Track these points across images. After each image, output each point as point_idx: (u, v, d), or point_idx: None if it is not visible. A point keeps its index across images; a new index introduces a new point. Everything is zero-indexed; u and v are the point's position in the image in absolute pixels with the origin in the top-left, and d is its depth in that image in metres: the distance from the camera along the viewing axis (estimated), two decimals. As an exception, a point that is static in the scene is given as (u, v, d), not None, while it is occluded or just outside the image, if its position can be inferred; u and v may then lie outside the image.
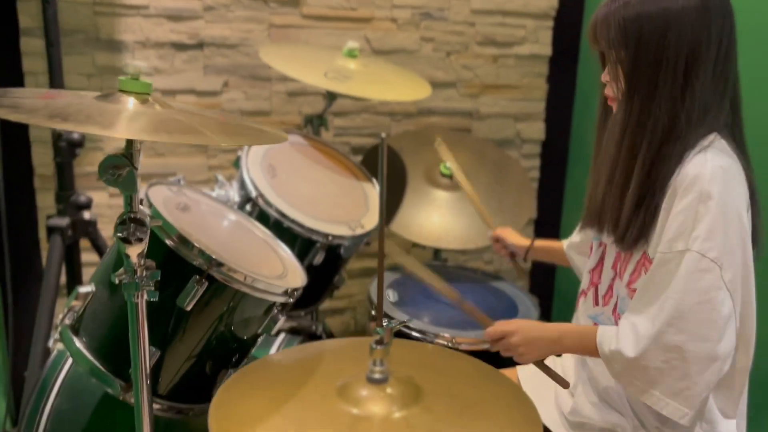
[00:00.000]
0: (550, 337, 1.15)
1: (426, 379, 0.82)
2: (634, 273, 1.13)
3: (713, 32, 1.05)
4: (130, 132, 0.77)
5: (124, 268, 0.97)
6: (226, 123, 0.94)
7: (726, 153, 1.07)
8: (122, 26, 2.06)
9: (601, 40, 1.15)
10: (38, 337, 1.76)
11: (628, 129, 1.11)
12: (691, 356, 1.00)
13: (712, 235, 0.99)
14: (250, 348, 1.24)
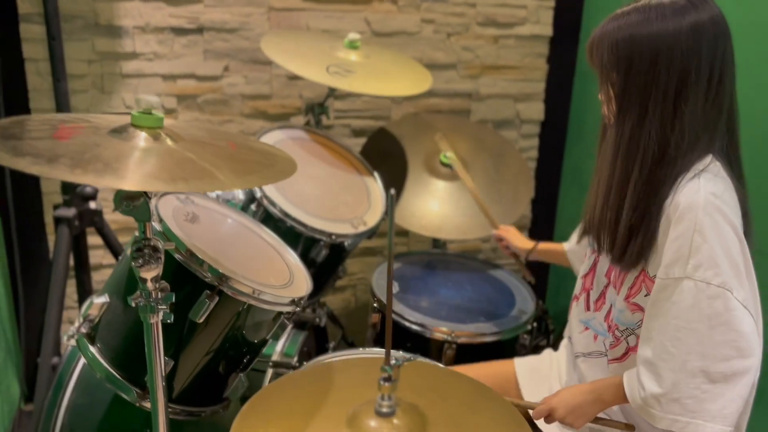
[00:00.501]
0: (590, 399, 1.17)
1: (430, 405, 0.87)
2: (632, 288, 1.16)
3: (704, 59, 1.06)
4: (147, 184, 0.80)
5: (139, 290, 1.01)
6: (238, 154, 0.96)
7: (719, 177, 1.09)
8: (121, 11, 2.04)
9: (595, 60, 1.17)
10: (50, 326, 1.81)
11: (619, 152, 1.13)
12: (719, 377, 1.03)
13: (713, 262, 1.02)
14: (259, 351, 1.30)
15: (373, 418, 0.83)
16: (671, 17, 1.07)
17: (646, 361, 1.09)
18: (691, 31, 1.06)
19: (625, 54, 1.10)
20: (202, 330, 1.17)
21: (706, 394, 1.03)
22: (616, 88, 1.14)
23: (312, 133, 1.80)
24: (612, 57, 1.12)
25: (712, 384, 1.03)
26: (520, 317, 1.73)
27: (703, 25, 1.07)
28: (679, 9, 1.08)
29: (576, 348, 1.32)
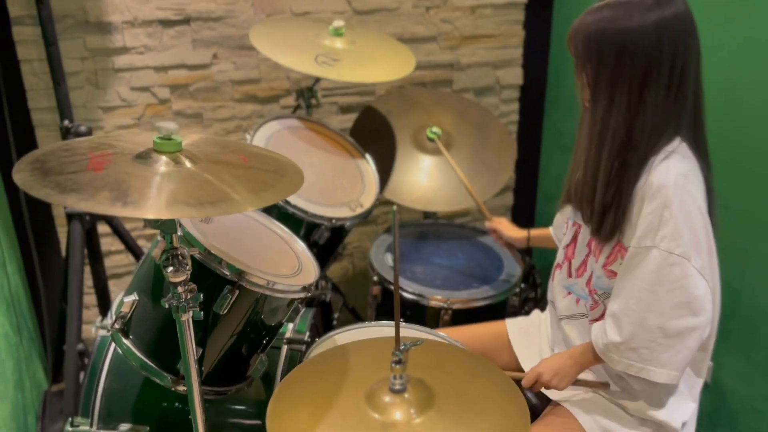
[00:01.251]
0: (570, 363, 1.33)
1: (436, 379, 1.01)
2: (609, 257, 1.31)
3: (666, 54, 1.18)
4: (178, 212, 0.91)
5: (171, 293, 1.13)
6: (250, 168, 1.08)
7: (687, 158, 1.22)
8: (109, 8, 2.10)
9: (572, 50, 1.28)
10: (72, 316, 1.94)
11: (592, 136, 1.26)
12: (673, 332, 1.19)
13: (677, 234, 1.17)
14: (276, 333, 1.44)
15: (388, 394, 0.97)
16: (637, 15, 1.18)
17: (612, 313, 1.25)
18: (654, 28, 1.17)
19: (596, 47, 1.22)
20: (225, 320, 1.30)
21: (659, 346, 1.20)
22: (588, 77, 1.25)
23: (305, 121, 1.90)
24: (585, 49, 1.24)
25: (665, 338, 1.19)
26: (508, 281, 1.87)
27: (665, 22, 1.17)
28: (645, 7, 1.18)
29: (559, 311, 1.46)
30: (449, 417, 0.95)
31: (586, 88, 1.28)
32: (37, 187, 0.90)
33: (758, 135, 1.78)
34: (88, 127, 1.89)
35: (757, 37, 1.74)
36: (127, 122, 2.23)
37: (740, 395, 1.95)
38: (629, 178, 1.23)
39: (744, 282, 1.88)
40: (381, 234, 2.08)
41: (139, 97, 2.22)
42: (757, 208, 1.81)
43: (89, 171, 0.97)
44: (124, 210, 0.89)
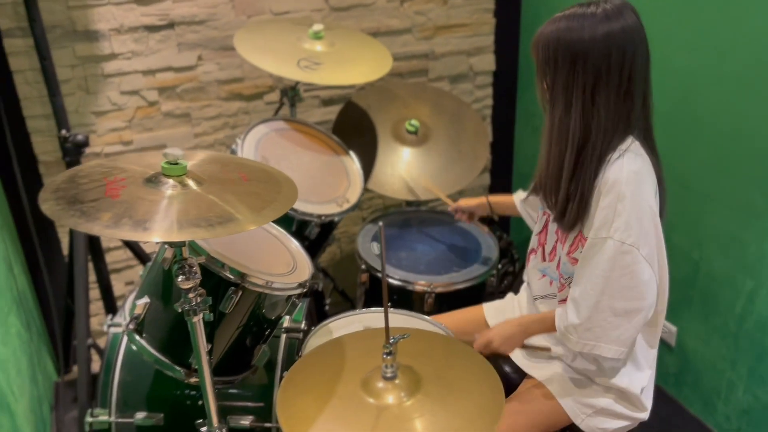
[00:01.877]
0: (519, 331, 1.49)
1: (422, 365, 1.16)
2: (572, 245, 1.45)
3: (614, 63, 1.30)
4: (190, 234, 1.04)
5: (182, 298, 1.27)
6: (250, 185, 1.20)
7: (639, 155, 1.36)
8: (96, 16, 2.19)
9: (534, 56, 1.41)
10: (80, 313, 2.06)
11: (552, 137, 1.40)
12: (621, 312, 1.35)
13: (628, 226, 1.31)
14: (276, 325, 1.58)
15: (381, 381, 1.12)
16: (588, 27, 1.31)
17: (573, 298, 1.40)
18: (603, 39, 1.30)
19: (552, 55, 1.35)
20: (230, 317, 1.44)
21: (609, 324, 1.35)
22: (547, 82, 1.39)
23: (291, 122, 2.02)
24: (544, 56, 1.37)
25: (614, 317, 1.35)
26: (486, 264, 2.02)
27: (614, 34, 1.30)
28: (597, 20, 1.31)
29: (534, 292, 1.61)
30: (434, 398, 1.10)
31: (546, 93, 1.41)
32: (66, 217, 1.03)
33: (711, 123, 1.93)
34: (85, 136, 1.99)
35: (709, 28, 1.88)
36: (118, 125, 2.33)
37: (701, 356, 2.14)
38: (588, 174, 1.37)
39: (702, 254, 2.05)
40: (366, 224, 2.21)
41: (129, 100, 2.32)
42: (713, 188, 1.97)
43: (108, 198, 1.09)
44: (144, 235, 1.02)
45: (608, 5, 1.31)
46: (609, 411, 1.51)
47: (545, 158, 1.45)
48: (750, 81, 1.78)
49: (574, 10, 1.34)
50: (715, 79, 1.88)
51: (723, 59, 1.84)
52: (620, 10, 1.31)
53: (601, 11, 1.31)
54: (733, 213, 1.92)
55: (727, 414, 2.09)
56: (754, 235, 1.87)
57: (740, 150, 1.86)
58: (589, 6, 1.33)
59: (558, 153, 1.40)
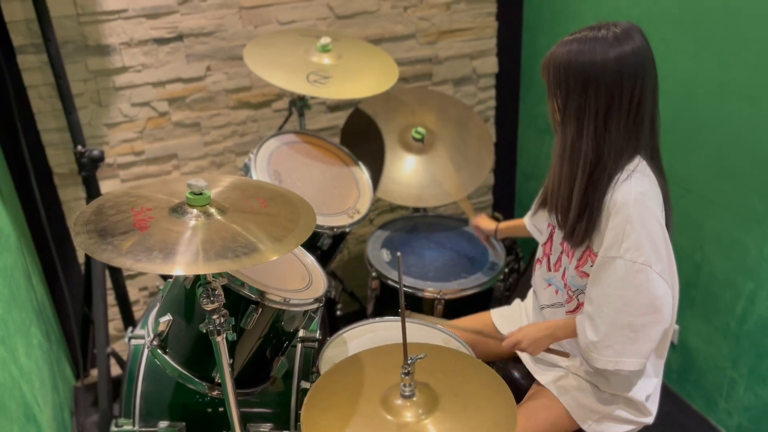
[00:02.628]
0: (546, 334, 1.53)
1: (438, 382, 1.22)
2: (581, 259, 1.50)
3: (625, 88, 1.34)
4: (217, 266, 1.09)
5: (207, 319, 1.32)
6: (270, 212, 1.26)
7: (646, 175, 1.40)
8: (107, 31, 2.22)
9: (545, 77, 1.45)
10: (99, 322, 2.13)
11: (564, 158, 1.44)
12: (640, 327, 1.39)
13: (639, 246, 1.35)
14: (294, 337, 1.64)
15: (400, 398, 1.18)
16: (600, 51, 1.34)
17: (588, 315, 1.45)
18: (615, 63, 1.33)
19: (564, 78, 1.38)
20: (250, 333, 1.50)
21: (629, 339, 1.40)
22: (559, 104, 1.43)
23: (301, 135, 2.06)
24: (555, 78, 1.40)
25: (633, 332, 1.39)
26: (493, 269, 2.08)
27: (625, 56, 1.33)
28: (608, 43, 1.34)
29: (541, 301, 1.67)
30: (451, 415, 1.16)
31: (557, 113, 1.45)
32: (99, 252, 1.08)
33: (713, 130, 1.97)
34: (101, 151, 2.04)
35: (711, 37, 1.92)
36: (130, 136, 2.38)
37: (704, 354, 2.20)
38: (598, 194, 1.41)
39: (704, 255, 2.11)
40: (375, 230, 2.27)
41: (140, 111, 2.36)
42: (714, 192, 2.02)
43: (137, 230, 1.15)
44: (174, 267, 1.07)
45: (617, 28, 1.35)
46: (615, 416, 1.57)
47: (557, 178, 1.48)
48: (751, 88, 1.83)
49: (585, 34, 1.37)
50: (717, 86, 1.92)
51: (724, 67, 1.88)
52: (629, 33, 1.35)
53: (612, 35, 1.34)
54: (734, 217, 1.97)
55: (729, 410, 2.15)
56: (754, 238, 1.92)
57: (741, 156, 1.90)
58: (599, 30, 1.36)
59: (570, 174, 1.44)
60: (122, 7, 2.21)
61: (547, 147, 2.80)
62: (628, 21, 1.39)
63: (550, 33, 2.61)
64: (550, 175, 1.56)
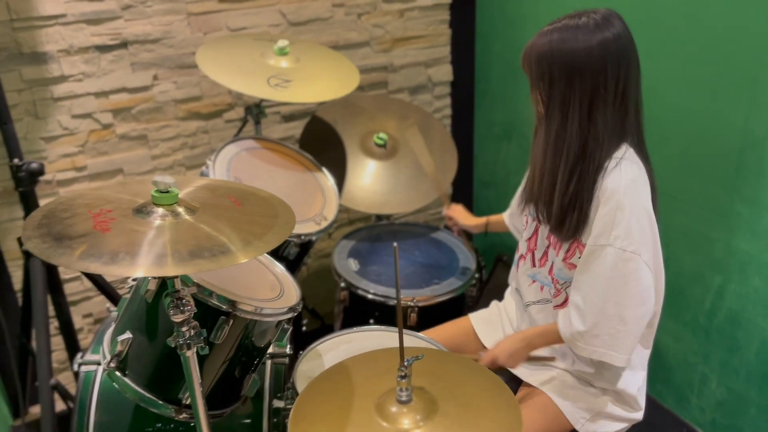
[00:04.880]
0: (522, 345, 1.48)
1: (434, 385, 1.13)
2: (568, 251, 1.45)
3: (610, 75, 1.31)
4: (188, 267, 0.98)
5: (175, 332, 1.20)
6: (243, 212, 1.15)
7: (635, 162, 1.37)
8: (43, 38, 2.07)
9: (526, 69, 1.41)
10: (42, 352, 1.93)
11: (548, 147, 1.40)
12: (630, 319, 1.35)
13: (629, 233, 1.32)
14: (266, 353, 1.52)
15: (396, 405, 1.08)
16: (583, 39, 1.31)
17: (575, 305, 1.40)
18: (599, 49, 1.30)
19: (547, 68, 1.34)
20: (220, 347, 1.38)
21: (619, 333, 1.36)
22: (541, 96, 1.38)
23: (261, 141, 1.96)
24: (538, 69, 1.36)
25: (624, 325, 1.35)
26: (465, 274, 2.02)
27: (608, 43, 1.30)
28: (589, 30, 1.31)
29: (526, 298, 1.61)
30: (453, 419, 1.07)
31: (540, 104, 1.41)
32: (56, 255, 0.95)
33: (675, 127, 1.98)
34: (40, 163, 1.88)
35: (671, 35, 1.93)
36: (71, 150, 2.22)
37: (673, 351, 2.19)
38: (587, 184, 1.37)
39: (670, 252, 2.10)
40: (340, 240, 2.17)
41: (81, 124, 2.21)
42: (679, 188, 2.02)
43: (98, 232, 1.02)
44: (146, 270, 0.95)
45: (597, 15, 1.32)
46: (607, 414, 1.52)
47: (539, 170, 1.44)
48: (711, 85, 1.84)
49: (565, 22, 1.34)
50: (678, 83, 1.93)
51: (685, 64, 1.90)
52: (609, 19, 1.32)
53: (592, 21, 1.31)
54: (700, 212, 1.98)
55: (702, 407, 2.14)
56: (720, 232, 1.93)
57: (703, 151, 1.92)
58: (579, 17, 1.33)
59: (553, 165, 1.40)
60: (60, 12, 2.06)
61: (504, 154, 2.78)
62: (607, 8, 1.37)
63: (504, 39, 2.61)
64: (531, 169, 1.52)
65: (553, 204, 1.41)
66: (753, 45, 1.71)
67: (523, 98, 2.58)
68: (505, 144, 2.75)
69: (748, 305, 1.90)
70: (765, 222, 1.80)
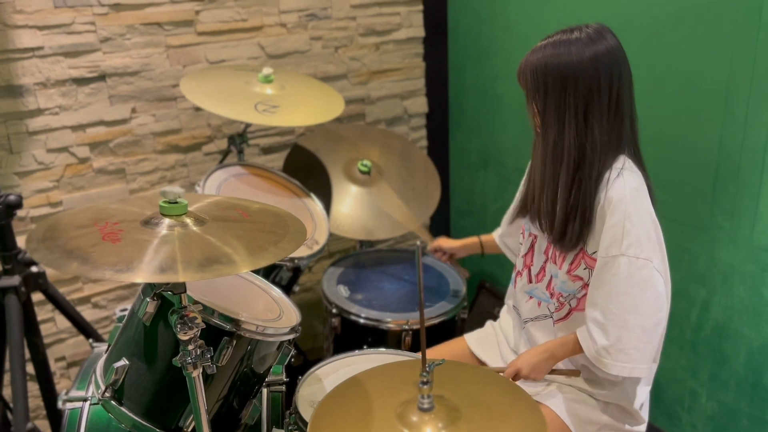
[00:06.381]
0: (545, 357, 1.45)
1: (454, 393, 1.11)
2: (573, 263, 1.46)
3: (603, 83, 1.35)
4: (197, 275, 0.95)
5: (182, 351, 1.15)
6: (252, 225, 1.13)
7: (635, 172, 1.40)
8: (19, 70, 2.04)
9: (522, 84, 1.44)
10: (18, 395, 1.84)
11: (547, 158, 1.42)
12: (650, 327, 1.35)
13: (640, 241, 1.33)
14: (266, 378, 1.47)
15: (416, 414, 1.06)
16: (575, 50, 1.35)
17: (595, 320, 1.38)
18: (591, 61, 1.34)
19: (542, 80, 1.38)
20: (223, 369, 1.33)
21: (642, 344, 1.35)
22: (538, 107, 1.41)
23: (248, 167, 1.94)
24: (533, 83, 1.40)
25: (645, 334, 1.35)
26: (456, 296, 2.01)
27: (600, 55, 1.35)
28: (582, 44, 1.35)
29: (523, 315, 1.61)
30: (477, 424, 1.05)
31: (537, 117, 1.43)
32: (67, 264, 0.91)
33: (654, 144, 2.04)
34: (18, 195, 1.81)
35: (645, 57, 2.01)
36: (46, 185, 2.15)
37: (661, 368, 2.19)
38: (588, 192, 1.39)
39: (652, 269, 2.14)
40: (328, 268, 2.15)
41: (57, 158, 2.15)
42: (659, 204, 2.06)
43: (108, 242, 0.99)
44: (162, 277, 0.92)
45: (590, 29, 1.37)
46: (611, 427, 1.51)
47: (539, 180, 1.46)
48: (685, 101, 1.92)
49: (558, 37, 1.38)
50: (655, 102, 2.00)
51: (657, 83, 1.97)
52: (602, 33, 1.37)
53: (585, 35, 1.36)
54: (680, 227, 2.02)
55: (693, 422, 2.15)
56: (701, 245, 1.98)
57: (681, 167, 1.98)
58: (572, 32, 1.37)
59: (553, 175, 1.42)
60: (38, 45, 2.03)
61: (481, 183, 2.82)
62: (599, 22, 1.42)
63: (478, 70, 2.68)
64: (530, 182, 1.54)
65: (555, 213, 1.43)
66: (725, 59, 1.79)
67: (500, 127, 2.64)
68: (482, 173, 2.78)
69: (734, 316, 1.94)
70: (745, 232, 1.85)
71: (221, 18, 2.29)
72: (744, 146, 1.81)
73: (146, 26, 2.17)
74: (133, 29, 2.15)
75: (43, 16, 2.02)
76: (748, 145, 1.79)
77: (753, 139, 1.78)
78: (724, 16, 1.77)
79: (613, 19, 1.41)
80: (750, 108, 1.77)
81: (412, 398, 1.09)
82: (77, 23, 2.07)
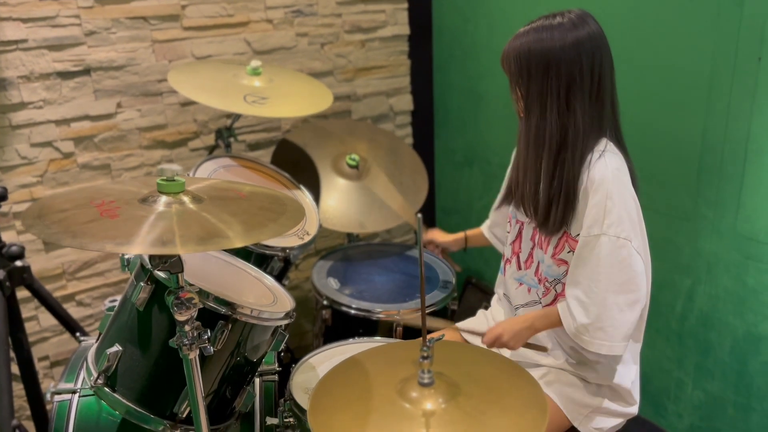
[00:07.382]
0: (525, 326, 1.47)
1: (453, 370, 1.12)
2: (557, 247, 1.48)
3: (585, 67, 1.38)
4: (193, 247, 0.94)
5: (178, 333, 1.14)
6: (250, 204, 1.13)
7: (616, 154, 1.43)
8: (3, 63, 2.01)
9: (506, 69, 1.46)
10: (2, 391, 1.80)
11: (530, 141, 1.44)
12: (625, 306, 1.37)
13: (620, 220, 1.36)
14: (259, 365, 1.46)
15: (417, 389, 1.06)
16: (558, 36, 1.38)
17: (577, 298, 1.41)
18: (573, 46, 1.37)
19: (525, 65, 1.40)
20: (218, 353, 1.32)
21: (618, 322, 1.37)
22: (521, 91, 1.43)
23: (237, 159, 1.94)
24: (516, 67, 1.42)
25: (620, 312, 1.37)
26: (446, 287, 2.02)
27: (582, 40, 1.38)
28: (564, 29, 1.38)
29: (514, 302, 1.62)
30: (478, 398, 1.05)
31: (521, 101, 1.45)
32: (68, 238, 0.90)
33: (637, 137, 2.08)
34: (3, 188, 1.79)
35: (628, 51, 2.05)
36: (29, 180, 2.12)
37: (647, 359, 2.23)
38: (570, 174, 1.41)
39: (638, 261, 2.17)
40: (317, 261, 2.14)
41: (41, 153, 2.13)
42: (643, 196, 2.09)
43: (106, 218, 0.98)
44: (164, 249, 0.91)
45: (572, 14, 1.39)
46: (604, 409, 1.52)
47: (522, 165, 1.48)
48: (668, 95, 1.95)
49: (541, 23, 1.40)
50: (637, 95, 2.04)
51: (643, 77, 2.01)
52: (584, 19, 1.40)
53: (567, 20, 1.38)
54: (665, 218, 2.06)
55: (679, 412, 2.18)
56: (685, 236, 2.01)
57: (665, 159, 2.01)
58: (554, 17, 1.40)
59: (535, 158, 1.44)
60: (21, 38, 2.01)
61: (466, 181, 2.84)
62: (581, 8, 1.44)
63: (462, 69, 2.70)
64: (514, 168, 1.55)
65: (538, 196, 1.44)
66: (707, 52, 1.83)
67: (484, 124, 2.66)
68: (467, 170, 2.80)
69: (719, 305, 1.97)
70: (728, 221, 1.89)
71: (207, 13, 2.28)
72: (726, 137, 1.85)
73: (132, 20, 2.16)
74: (119, 23, 2.14)
75: (27, 9, 2.00)
76: (731, 136, 1.83)
77: (735, 130, 1.82)
78: (706, 9, 1.81)
79: (595, 14, 1.44)
80: (732, 100, 1.81)
81: (411, 375, 1.09)
82: (62, 16, 2.05)
